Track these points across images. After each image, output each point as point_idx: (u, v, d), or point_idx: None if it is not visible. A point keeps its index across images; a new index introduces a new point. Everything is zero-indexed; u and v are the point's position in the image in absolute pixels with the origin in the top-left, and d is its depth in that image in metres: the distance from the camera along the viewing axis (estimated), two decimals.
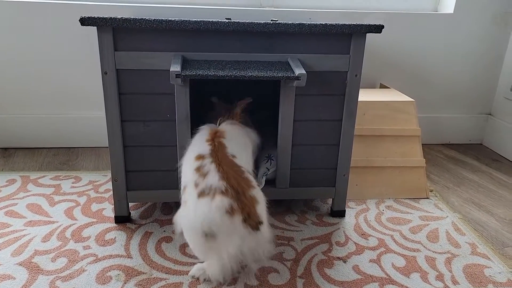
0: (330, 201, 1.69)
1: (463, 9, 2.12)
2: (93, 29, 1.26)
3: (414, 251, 1.38)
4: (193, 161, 1.18)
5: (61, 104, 2.07)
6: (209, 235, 1.04)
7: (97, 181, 1.78)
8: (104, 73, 1.31)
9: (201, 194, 1.08)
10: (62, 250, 1.32)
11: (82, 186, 1.73)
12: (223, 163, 1.14)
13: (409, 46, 2.17)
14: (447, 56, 2.21)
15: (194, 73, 1.21)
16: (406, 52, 2.17)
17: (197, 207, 1.07)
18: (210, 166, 1.13)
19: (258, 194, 1.15)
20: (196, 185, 1.10)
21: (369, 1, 2.17)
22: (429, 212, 1.62)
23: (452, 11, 2.13)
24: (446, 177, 1.95)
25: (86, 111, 2.09)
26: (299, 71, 1.26)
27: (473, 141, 2.38)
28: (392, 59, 2.18)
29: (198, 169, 1.14)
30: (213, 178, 1.09)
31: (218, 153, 1.17)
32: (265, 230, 1.11)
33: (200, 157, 1.17)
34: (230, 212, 1.04)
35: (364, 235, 1.45)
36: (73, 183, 1.75)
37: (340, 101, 1.43)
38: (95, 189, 1.71)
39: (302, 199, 1.69)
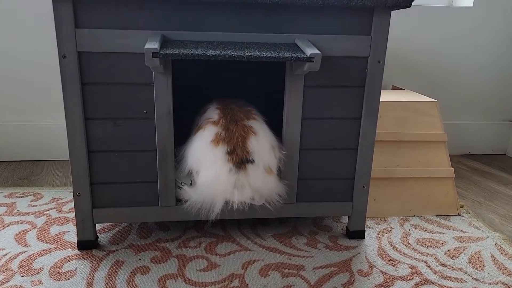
0: (345, 219, 1.40)
1: (484, 1, 1.89)
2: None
3: (457, 281, 1.09)
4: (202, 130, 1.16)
5: (23, 111, 1.77)
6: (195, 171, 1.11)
7: (62, 198, 1.47)
8: (62, 56, 1.03)
9: (198, 129, 1.14)
10: (3, 287, 1.01)
11: (43, 204, 1.42)
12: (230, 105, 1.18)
13: (423, 44, 1.92)
14: (466, 55, 1.97)
15: (176, 52, 0.93)
16: (420, 51, 1.93)
17: (192, 141, 1.15)
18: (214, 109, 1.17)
19: (259, 126, 1.12)
20: (199, 127, 1.16)
21: None
22: (465, 232, 1.34)
23: (471, 4, 1.90)
24: (475, 190, 1.67)
25: (53, 119, 1.79)
26: (311, 50, 0.99)
27: (496, 151, 2.12)
28: (404, 59, 1.93)
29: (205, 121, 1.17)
30: (211, 112, 1.15)
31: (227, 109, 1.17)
32: (260, 173, 1.10)
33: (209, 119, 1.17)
34: (215, 141, 1.05)
35: (391, 262, 1.16)
36: (31, 201, 1.44)
37: (358, 95, 1.15)
38: (58, 208, 1.40)
39: (311, 216, 1.39)
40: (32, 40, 1.70)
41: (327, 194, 1.23)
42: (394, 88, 1.92)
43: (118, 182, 1.14)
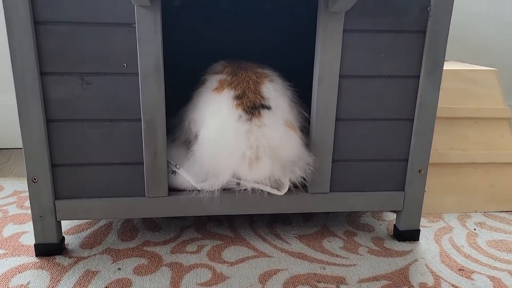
0: (389, 215, 1.08)
1: None
2: None
3: None
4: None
5: None
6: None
7: (26, 191, 1.16)
8: None
9: (200, 85, 0.91)
10: None
11: (1, 198, 1.12)
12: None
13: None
14: None
15: None
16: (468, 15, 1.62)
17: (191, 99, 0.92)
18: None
19: (276, 78, 0.90)
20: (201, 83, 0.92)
21: None
22: None
23: None
24: None
25: None
26: None
27: None
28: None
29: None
30: (216, 66, 0.93)
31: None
32: (280, 125, 0.83)
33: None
34: (218, 88, 0.84)
35: (463, 272, 0.85)
36: None
37: (417, 44, 0.85)
38: (19, 203, 1.10)
39: (346, 211, 1.08)
40: None
41: (371, 181, 0.92)
42: None
43: (90, 163, 0.84)
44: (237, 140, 0.80)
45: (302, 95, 0.93)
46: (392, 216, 1.08)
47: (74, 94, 0.79)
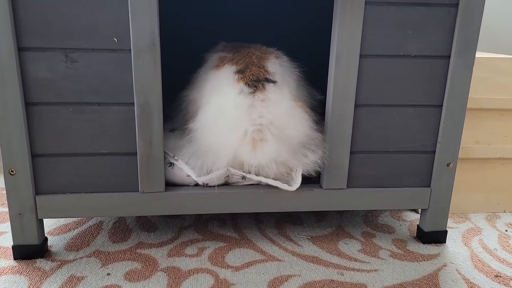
0: (409, 215, 0.98)
1: None
2: None
3: None
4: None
5: None
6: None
7: None
8: None
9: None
10: None
11: None
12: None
13: None
14: None
15: None
16: None
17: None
18: None
19: (283, 57, 0.80)
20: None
21: None
22: None
23: None
24: None
25: None
26: None
27: None
28: None
29: None
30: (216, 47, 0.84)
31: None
32: (286, 100, 0.74)
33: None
34: (218, 65, 0.76)
35: (500, 278, 0.74)
36: None
37: (448, 19, 0.75)
38: (1, 200, 0.99)
39: (363, 210, 0.98)
40: None
41: (393, 176, 0.82)
42: None
43: (75, 153, 0.73)
44: (238, 116, 0.70)
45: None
46: (413, 216, 0.98)
47: (57, 73, 0.69)
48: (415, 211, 1.01)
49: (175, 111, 0.86)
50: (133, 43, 0.69)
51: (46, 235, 0.82)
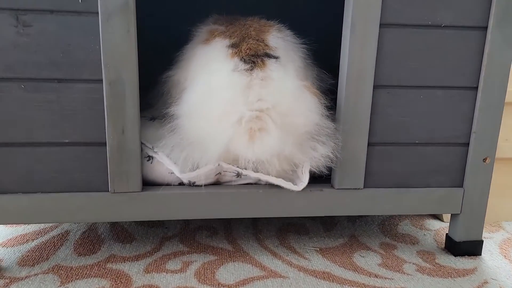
0: (434, 224, 0.84)
1: None
2: None
3: None
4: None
5: None
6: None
7: None
8: None
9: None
10: None
11: None
12: None
13: None
14: None
15: None
16: None
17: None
18: None
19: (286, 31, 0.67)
20: None
21: None
22: None
23: None
24: None
25: None
26: None
27: None
28: None
29: None
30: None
31: None
32: (290, 79, 0.61)
33: None
34: (209, 39, 0.63)
35: None
36: None
37: None
38: None
39: (378, 217, 0.84)
40: None
41: (419, 173, 0.68)
42: None
43: (28, 143, 0.59)
44: (231, 98, 0.57)
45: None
46: (437, 225, 0.84)
47: (5, 41, 0.55)
48: (438, 218, 0.87)
49: (156, 97, 0.72)
50: (101, 3, 0.55)
51: None
